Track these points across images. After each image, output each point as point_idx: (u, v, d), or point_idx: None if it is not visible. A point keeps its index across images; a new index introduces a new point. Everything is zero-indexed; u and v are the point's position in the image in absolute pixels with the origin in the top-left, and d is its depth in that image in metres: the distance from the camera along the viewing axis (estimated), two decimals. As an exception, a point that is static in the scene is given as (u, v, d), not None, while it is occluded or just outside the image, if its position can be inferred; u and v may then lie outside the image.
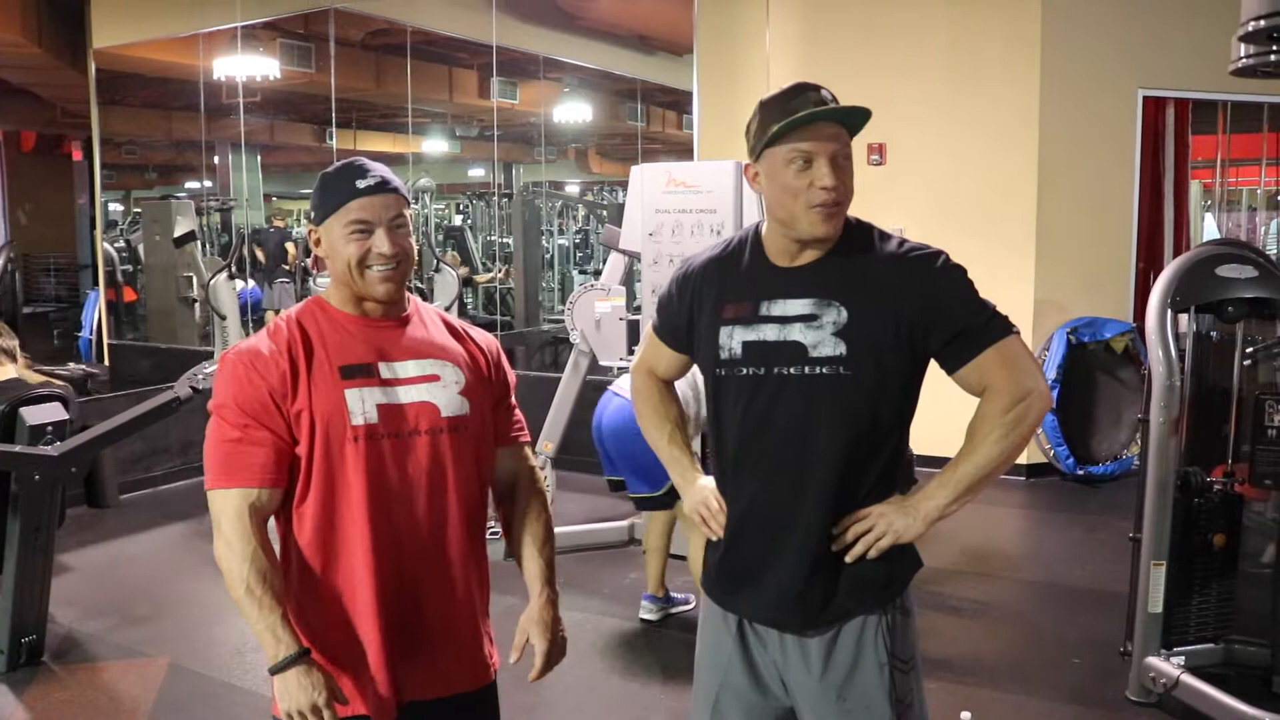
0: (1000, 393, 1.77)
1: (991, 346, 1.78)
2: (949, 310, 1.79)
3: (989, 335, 1.79)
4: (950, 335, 1.79)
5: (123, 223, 12.13)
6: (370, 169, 1.82)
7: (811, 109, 1.77)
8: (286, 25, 9.03)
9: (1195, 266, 3.47)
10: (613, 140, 12.28)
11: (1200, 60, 6.47)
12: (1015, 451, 1.78)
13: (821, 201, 1.78)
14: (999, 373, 1.77)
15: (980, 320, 1.79)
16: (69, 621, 4.37)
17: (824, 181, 1.77)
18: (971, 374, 1.79)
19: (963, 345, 1.79)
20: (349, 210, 1.79)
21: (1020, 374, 1.77)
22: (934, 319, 1.79)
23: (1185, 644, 3.49)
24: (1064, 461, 6.41)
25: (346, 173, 1.82)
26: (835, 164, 1.78)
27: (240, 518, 1.72)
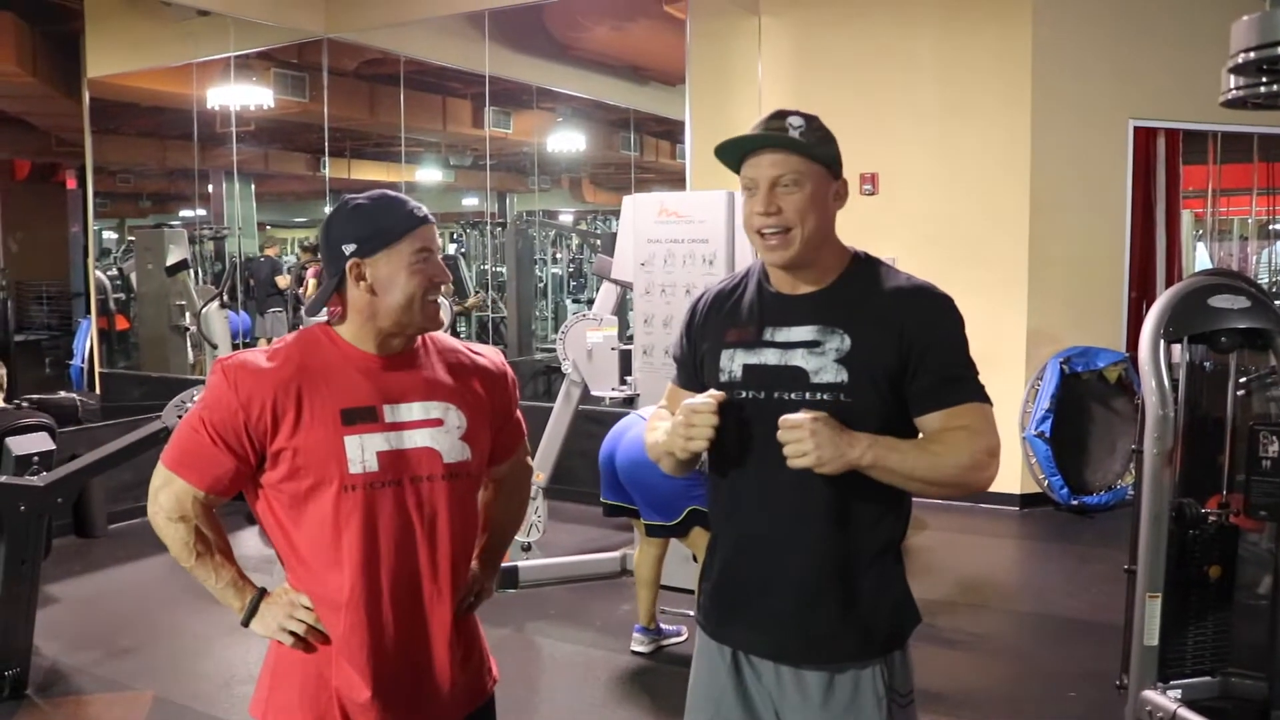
0: (978, 435, 1.76)
1: (972, 403, 1.78)
2: (942, 354, 1.79)
3: (965, 392, 1.79)
4: (936, 379, 1.77)
5: (116, 251, 12.11)
6: (409, 199, 1.80)
7: (749, 136, 1.79)
8: (280, 55, 9.05)
9: (1188, 297, 3.45)
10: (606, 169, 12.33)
11: (1190, 91, 6.50)
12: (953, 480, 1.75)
13: (759, 228, 1.79)
14: (963, 431, 1.76)
15: (967, 375, 1.80)
16: (54, 654, 4.31)
17: (756, 207, 1.78)
18: (934, 424, 1.78)
19: (944, 391, 1.78)
20: (415, 239, 1.75)
21: (981, 436, 1.76)
22: (925, 358, 1.78)
23: (1182, 677, 3.44)
24: (1058, 491, 6.38)
25: (394, 203, 1.78)
26: (774, 190, 1.77)
27: (179, 501, 1.75)
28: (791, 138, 1.78)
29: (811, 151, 1.79)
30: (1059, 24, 6.50)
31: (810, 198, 1.78)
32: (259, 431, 1.71)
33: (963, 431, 1.76)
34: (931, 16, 6.70)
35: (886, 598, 1.82)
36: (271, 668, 1.82)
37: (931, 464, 1.74)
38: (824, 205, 1.81)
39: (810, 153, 1.79)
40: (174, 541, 1.77)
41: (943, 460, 1.74)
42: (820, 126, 1.83)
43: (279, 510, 1.76)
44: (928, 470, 1.74)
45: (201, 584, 1.82)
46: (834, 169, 1.83)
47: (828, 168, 1.81)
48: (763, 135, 1.79)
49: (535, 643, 4.53)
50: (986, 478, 1.77)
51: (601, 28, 8.67)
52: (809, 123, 1.80)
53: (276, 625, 1.76)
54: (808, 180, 1.78)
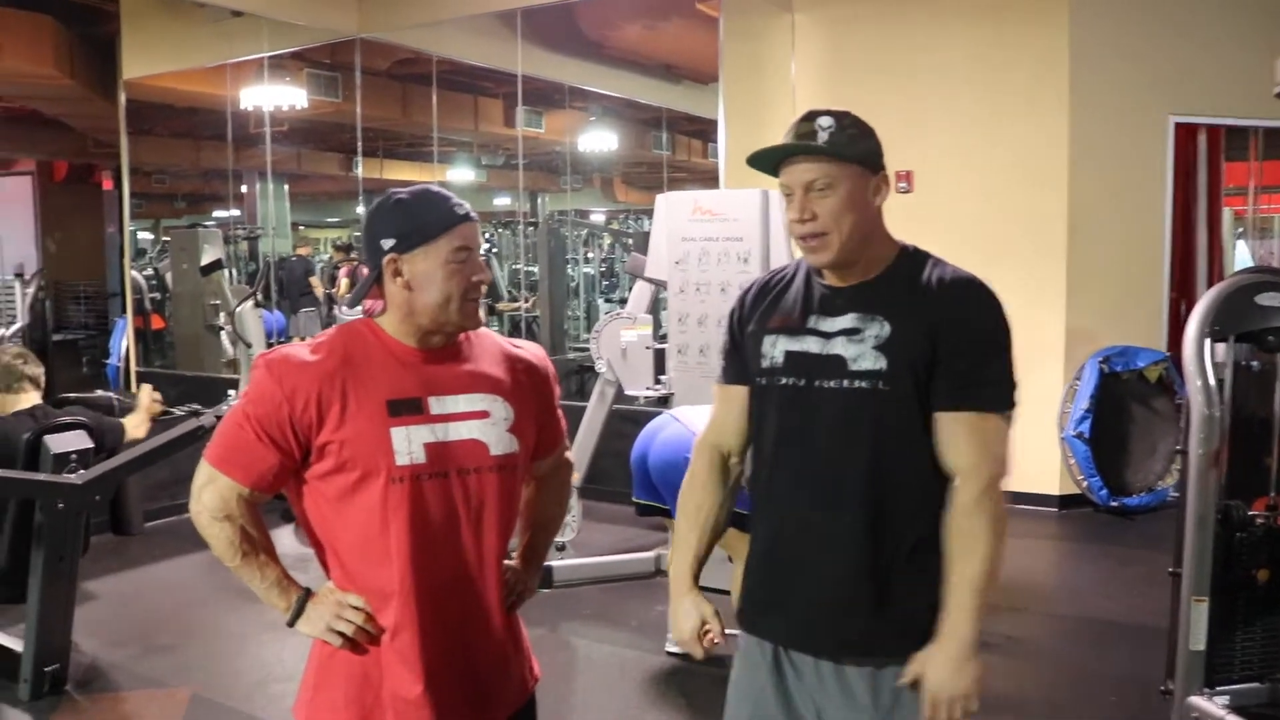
0: (967, 481, 1.74)
1: (975, 412, 1.75)
2: (965, 348, 1.76)
3: (986, 399, 1.76)
4: (952, 372, 1.75)
5: (151, 251, 12.22)
6: (452, 196, 1.77)
7: (776, 146, 1.80)
8: (313, 55, 9.09)
9: (1234, 295, 3.39)
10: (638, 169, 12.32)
11: (1232, 86, 6.42)
12: (1001, 544, 1.75)
13: (798, 234, 1.79)
14: (967, 447, 1.75)
15: (988, 377, 1.76)
16: (92, 650, 4.34)
17: (791, 214, 1.79)
18: (947, 424, 1.76)
19: (951, 391, 1.75)
20: (453, 237, 1.73)
21: (987, 458, 1.75)
22: (951, 350, 1.75)
23: (1229, 683, 3.39)
24: (1097, 493, 6.30)
25: (436, 199, 1.76)
26: (808, 195, 1.77)
27: (223, 498, 1.72)
28: (817, 145, 1.77)
29: (840, 153, 1.77)
30: (1097, 19, 6.41)
31: (845, 199, 1.77)
32: (304, 425, 1.69)
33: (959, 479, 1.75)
34: (967, 12, 6.62)
35: (924, 596, 1.79)
36: (315, 668, 1.81)
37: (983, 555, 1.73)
38: (862, 204, 1.79)
39: (839, 155, 1.77)
40: (219, 541, 1.75)
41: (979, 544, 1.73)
42: (853, 123, 1.81)
43: (324, 506, 1.75)
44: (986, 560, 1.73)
45: (245, 584, 1.79)
46: (870, 164, 1.81)
47: (862, 164, 1.79)
48: (790, 145, 1.79)
49: (570, 643, 4.52)
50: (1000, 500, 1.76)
51: (634, 26, 8.65)
52: (839, 121, 1.78)
53: (324, 625, 1.74)
54: (841, 182, 1.77)
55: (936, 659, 1.74)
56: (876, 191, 1.82)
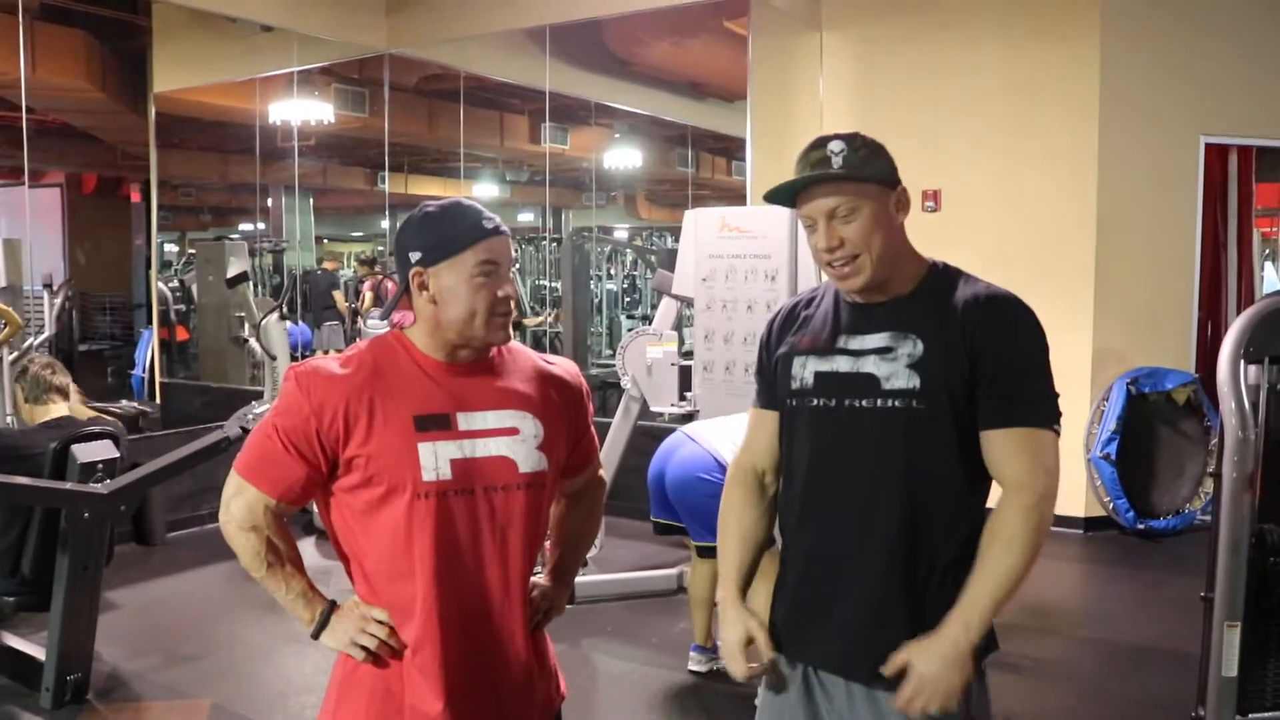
0: (1021, 489, 1.72)
1: (1031, 428, 1.73)
2: (1009, 366, 1.74)
3: (1035, 415, 1.74)
4: (997, 391, 1.73)
5: (177, 263, 12.30)
6: (484, 209, 1.75)
7: (794, 179, 1.79)
8: (341, 70, 9.15)
9: (1270, 316, 3.34)
10: (662, 186, 12.33)
11: (1264, 107, 6.37)
12: (1035, 556, 1.72)
13: (829, 261, 1.78)
14: (1021, 460, 1.72)
15: (1034, 394, 1.75)
16: (114, 660, 4.35)
17: (819, 244, 1.78)
18: (995, 443, 1.74)
19: (1000, 410, 1.73)
20: (478, 251, 1.71)
21: (1044, 473, 1.72)
22: (993, 369, 1.73)
23: (1262, 710, 3.33)
24: (1124, 515, 6.24)
25: (466, 212, 1.74)
26: (832, 223, 1.76)
27: (251, 509, 1.72)
28: (834, 172, 1.76)
29: (858, 175, 1.76)
30: (1128, 38, 6.37)
31: (871, 220, 1.76)
32: (331, 438, 1.69)
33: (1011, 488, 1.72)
34: (996, 31, 6.61)
35: None
36: (339, 682, 1.80)
37: (1014, 564, 1.70)
38: (887, 222, 1.78)
39: (856, 177, 1.76)
40: (245, 551, 1.75)
41: (1013, 551, 1.70)
42: (863, 143, 1.79)
43: (350, 519, 1.74)
44: (1015, 570, 1.70)
45: (270, 595, 1.79)
46: (888, 181, 1.79)
47: (880, 183, 1.78)
48: (806, 176, 1.78)
49: (592, 659, 4.49)
50: (1051, 512, 1.73)
51: (662, 44, 8.67)
52: (850, 144, 1.77)
53: (348, 639, 1.73)
54: (864, 204, 1.76)
55: (931, 650, 1.71)
56: (899, 206, 1.81)
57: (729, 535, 1.98)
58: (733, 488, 2.00)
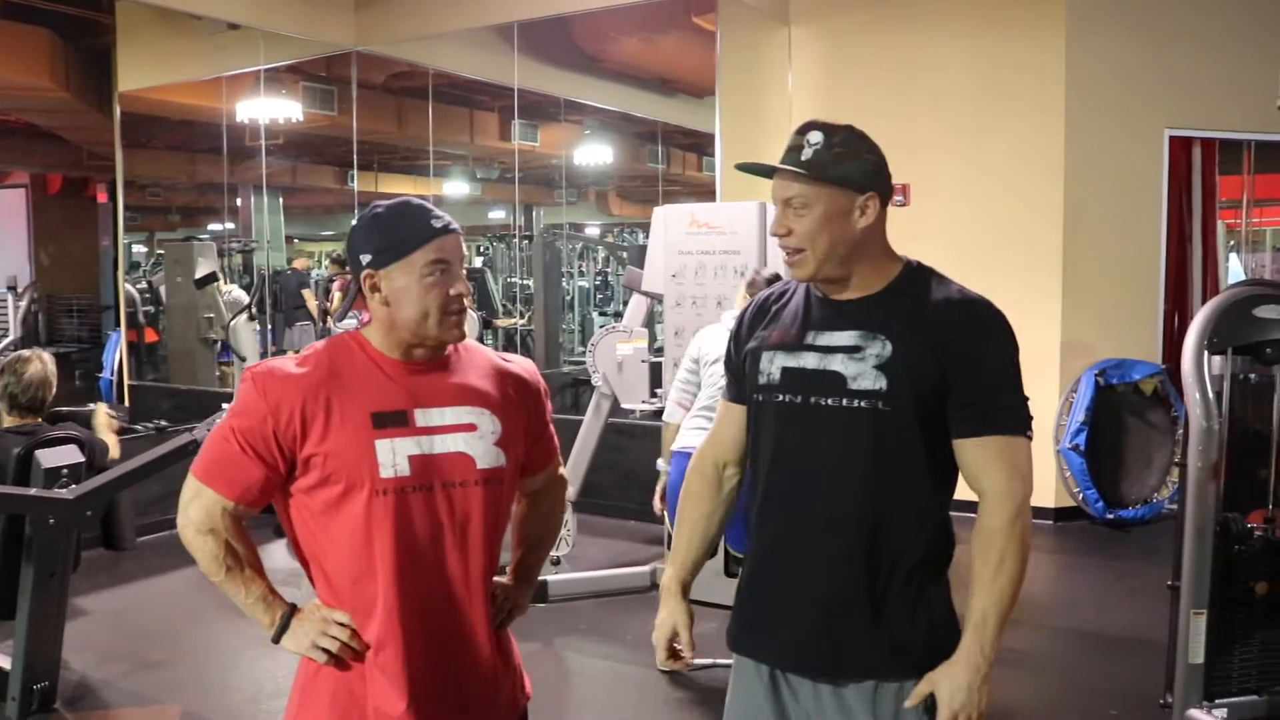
0: (1001, 501, 1.73)
1: (1003, 435, 1.74)
2: (981, 373, 1.75)
3: (1006, 423, 1.75)
4: (970, 400, 1.74)
5: (145, 264, 12.19)
6: (432, 208, 1.75)
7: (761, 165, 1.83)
8: (309, 68, 9.09)
9: (1232, 308, 3.39)
10: (633, 182, 12.33)
11: (1226, 100, 6.44)
12: (1026, 565, 1.76)
13: (779, 246, 1.81)
14: (998, 470, 1.74)
15: (1004, 402, 1.75)
16: (82, 667, 4.30)
17: (772, 226, 1.82)
18: (972, 451, 1.75)
19: (974, 419, 1.74)
20: (428, 251, 1.71)
21: (1018, 479, 1.74)
22: (964, 374, 1.74)
23: (1228, 696, 3.37)
24: (1093, 505, 6.29)
25: (414, 213, 1.74)
26: (787, 211, 1.79)
27: (209, 512, 1.71)
28: (789, 167, 1.77)
29: (817, 175, 1.76)
30: (1093, 33, 6.42)
31: (820, 219, 1.76)
32: (288, 438, 1.69)
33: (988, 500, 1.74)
34: (963, 26, 6.64)
35: (923, 616, 1.77)
36: (301, 685, 1.79)
37: (1010, 577, 1.74)
38: (839, 224, 1.77)
39: (814, 176, 1.76)
40: (203, 555, 1.74)
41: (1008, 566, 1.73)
42: (842, 142, 1.79)
43: (310, 520, 1.74)
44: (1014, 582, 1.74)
45: (230, 599, 1.78)
46: (855, 185, 1.78)
47: (843, 185, 1.77)
48: (764, 164, 1.81)
49: (565, 658, 4.49)
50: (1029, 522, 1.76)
51: (630, 40, 8.66)
52: (829, 139, 1.77)
53: (309, 642, 1.73)
54: (817, 202, 1.76)
55: (956, 677, 1.73)
56: (863, 212, 1.79)
57: (682, 525, 2.00)
58: (693, 477, 2.01)
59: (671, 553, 2.01)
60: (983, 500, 1.76)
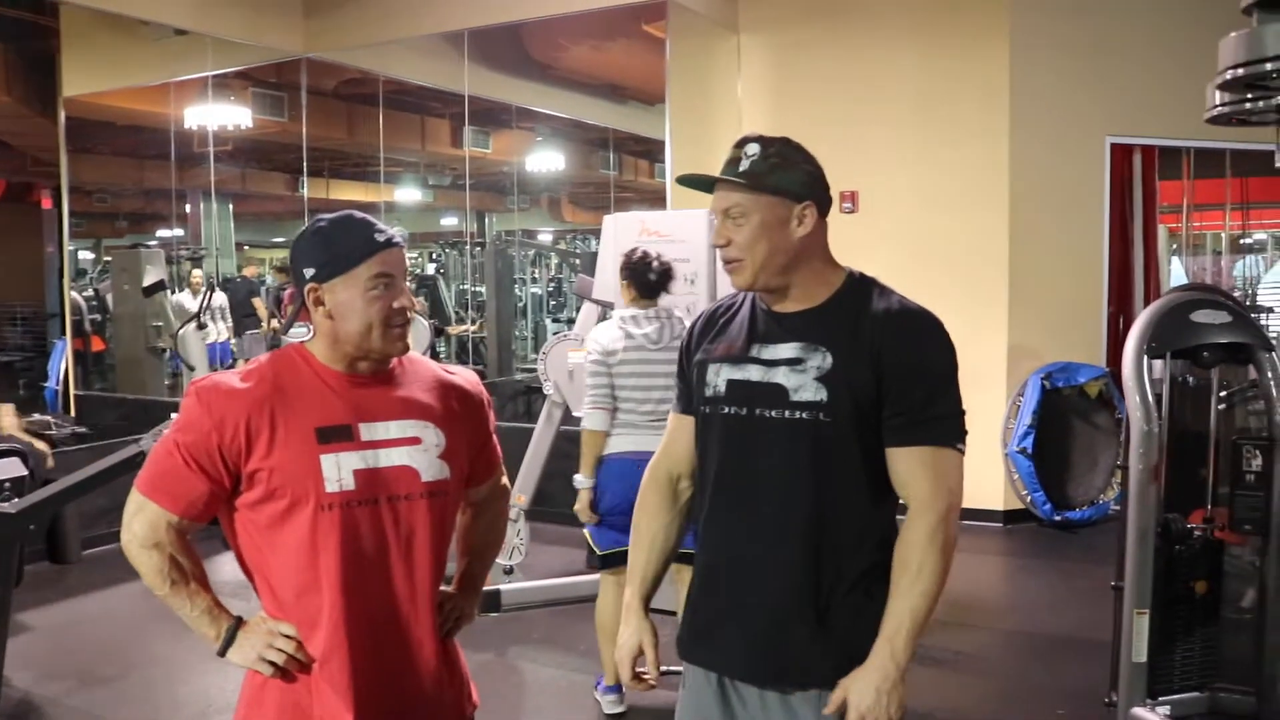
0: (924, 512, 1.76)
1: (930, 447, 1.77)
2: (915, 383, 1.77)
3: (935, 434, 1.77)
4: (902, 409, 1.76)
5: (92, 271, 12.01)
6: (376, 222, 1.76)
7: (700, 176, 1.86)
8: (258, 74, 9.01)
9: (1170, 312, 3.46)
10: (585, 189, 12.33)
11: (1166, 107, 6.56)
12: (946, 576, 1.77)
13: (721, 256, 1.84)
14: (924, 480, 1.76)
15: (939, 412, 1.78)
16: (26, 685, 4.23)
17: (712, 238, 1.86)
18: (899, 460, 1.78)
19: (904, 428, 1.77)
20: (370, 265, 1.72)
21: (944, 491, 1.76)
22: (899, 385, 1.76)
23: (1170, 693, 3.45)
24: (1041, 507, 6.38)
25: (357, 226, 1.75)
26: (725, 221, 1.82)
27: (153, 527, 1.72)
28: (728, 177, 1.81)
29: (753, 185, 1.79)
30: (1036, 42, 6.53)
31: (757, 228, 1.79)
32: (233, 453, 1.69)
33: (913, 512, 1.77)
34: (910, 35, 6.73)
35: (867, 624, 1.78)
36: (247, 699, 1.78)
37: (927, 587, 1.75)
38: (777, 233, 1.80)
39: (751, 186, 1.79)
40: (147, 569, 1.74)
41: (925, 575, 1.74)
42: (777, 152, 1.82)
43: (255, 534, 1.74)
44: (930, 593, 1.75)
45: (175, 613, 1.78)
46: (791, 194, 1.81)
47: (779, 194, 1.80)
48: (704, 176, 1.84)
49: (518, 667, 4.48)
50: (955, 528, 1.78)
51: (580, 47, 8.67)
52: (764, 150, 1.80)
53: (255, 655, 1.72)
54: (754, 212, 1.79)
55: (864, 681, 1.74)
56: (801, 221, 1.81)
57: (639, 541, 2.00)
58: (647, 492, 2.02)
59: (630, 569, 2.00)
60: (909, 509, 1.79)
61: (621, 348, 3.84)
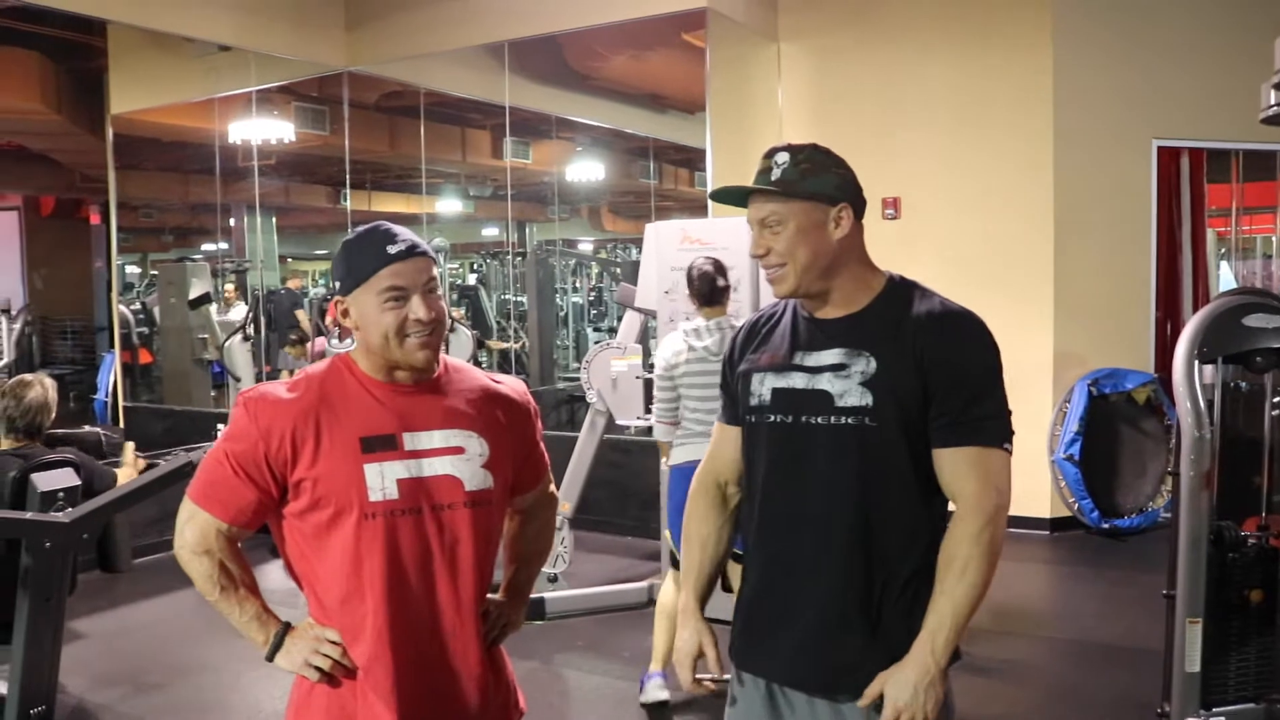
0: (972, 511, 1.74)
1: (977, 447, 1.75)
2: (960, 384, 1.76)
3: (981, 435, 1.76)
4: (948, 409, 1.76)
5: (139, 285, 12.19)
6: (397, 233, 1.77)
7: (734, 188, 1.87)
8: (301, 89, 9.12)
9: (1221, 317, 3.40)
10: (625, 198, 12.34)
11: (1215, 109, 6.48)
12: (991, 576, 1.76)
13: (763, 267, 1.84)
14: (971, 480, 1.75)
15: (984, 412, 1.77)
16: (79, 691, 4.30)
17: (751, 250, 1.85)
18: (946, 462, 1.77)
19: (951, 429, 1.76)
20: (382, 278, 1.74)
21: (991, 491, 1.75)
22: (944, 386, 1.76)
23: (1225, 704, 3.38)
24: (1088, 515, 6.30)
25: (374, 239, 1.76)
26: (763, 231, 1.83)
27: (204, 534, 1.75)
28: (761, 186, 1.81)
29: (786, 192, 1.80)
30: (1080, 45, 6.47)
31: (795, 234, 1.80)
32: (279, 462, 1.71)
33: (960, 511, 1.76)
34: (951, 40, 6.69)
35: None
36: (295, 704, 1.81)
37: (971, 586, 1.73)
38: (815, 237, 1.81)
39: (784, 193, 1.80)
40: (198, 575, 1.77)
41: (970, 574, 1.73)
42: (807, 158, 1.82)
43: (302, 542, 1.77)
44: (974, 592, 1.74)
45: (225, 618, 1.81)
46: (825, 198, 1.82)
47: (813, 199, 1.81)
48: (737, 188, 1.85)
49: (563, 675, 4.49)
50: (1002, 531, 1.76)
51: (620, 57, 8.69)
52: (794, 157, 1.81)
53: (302, 660, 1.75)
54: (790, 218, 1.80)
55: (903, 677, 1.73)
56: (838, 223, 1.82)
57: (691, 545, 2.01)
58: (696, 499, 2.03)
59: (683, 574, 2.01)
60: (956, 509, 1.78)
61: (684, 360, 3.90)
